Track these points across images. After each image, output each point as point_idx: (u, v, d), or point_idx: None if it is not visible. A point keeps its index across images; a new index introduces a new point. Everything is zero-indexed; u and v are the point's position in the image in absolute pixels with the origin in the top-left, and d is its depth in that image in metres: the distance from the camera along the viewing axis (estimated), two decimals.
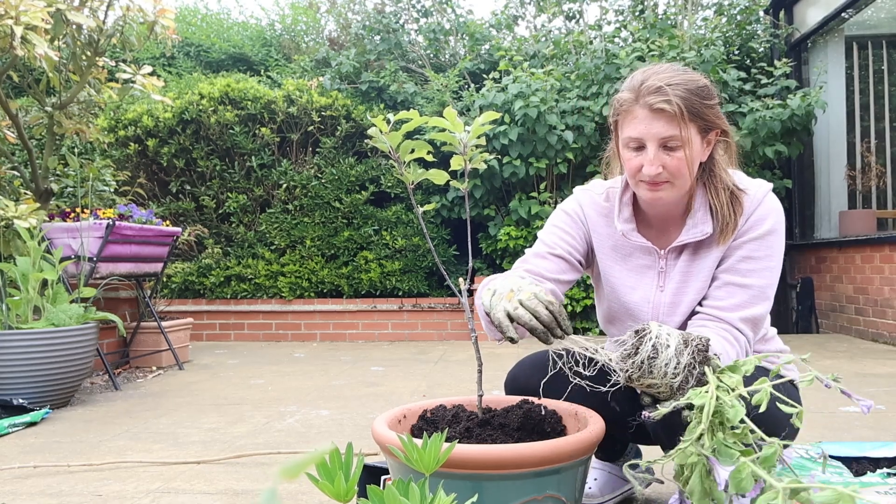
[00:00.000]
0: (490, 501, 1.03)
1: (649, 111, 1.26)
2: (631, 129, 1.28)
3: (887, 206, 5.31)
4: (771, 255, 1.35)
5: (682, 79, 1.28)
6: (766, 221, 1.35)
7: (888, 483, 1.51)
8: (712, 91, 1.31)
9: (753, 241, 1.34)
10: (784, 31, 5.93)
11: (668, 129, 1.25)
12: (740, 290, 1.33)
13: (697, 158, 1.32)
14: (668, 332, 1.10)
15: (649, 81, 1.26)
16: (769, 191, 1.38)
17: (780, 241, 1.36)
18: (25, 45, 2.77)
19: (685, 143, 1.26)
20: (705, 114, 1.28)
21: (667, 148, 1.27)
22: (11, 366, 2.75)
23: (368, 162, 5.60)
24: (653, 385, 1.07)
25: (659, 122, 1.25)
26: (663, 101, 1.24)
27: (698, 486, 0.95)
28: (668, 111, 1.24)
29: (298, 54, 7.30)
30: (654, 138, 1.26)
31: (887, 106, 5.37)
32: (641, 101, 1.27)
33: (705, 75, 1.36)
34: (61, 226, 3.28)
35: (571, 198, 1.52)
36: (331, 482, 0.83)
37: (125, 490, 1.80)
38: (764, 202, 1.36)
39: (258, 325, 5.51)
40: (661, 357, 1.06)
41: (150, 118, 5.49)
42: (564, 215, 1.49)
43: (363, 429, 2.46)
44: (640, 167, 1.30)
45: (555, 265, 1.42)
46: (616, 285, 1.45)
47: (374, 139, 1.22)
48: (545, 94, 4.94)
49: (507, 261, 5.31)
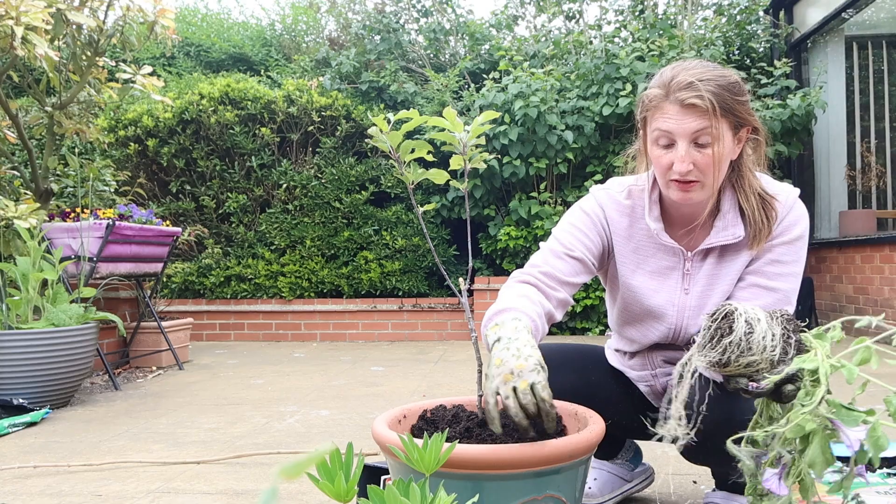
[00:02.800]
0: (490, 501, 1.03)
1: (680, 107, 1.23)
2: (662, 123, 1.26)
3: (887, 206, 5.31)
4: (798, 261, 1.34)
5: (713, 74, 1.25)
6: (796, 227, 1.34)
7: (888, 483, 1.51)
8: (743, 87, 1.28)
9: (783, 246, 1.33)
10: (784, 31, 5.93)
11: (701, 122, 1.23)
12: (766, 292, 1.32)
13: (728, 156, 1.29)
14: (752, 307, 1.05)
15: (680, 77, 1.24)
16: (798, 196, 1.37)
17: (804, 246, 1.36)
18: (26, 45, 2.77)
19: (717, 138, 1.23)
20: (737, 110, 1.26)
21: (698, 144, 1.25)
22: (11, 366, 2.75)
23: (368, 162, 5.60)
24: (752, 363, 1.01)
25: (690, 117, 1.23)
26: (695, 97, 1.22)
27: (819, 456, 0.90)
28: (700, 106, 1.22)
29: (298, 54, 7.30)
30: (686, 133, 1.24)
31: (887, 106, 5.37)
32: (672, 96, 1.24)
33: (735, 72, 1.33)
34: (61, 226, 3.28)
35: (590, 197, 1.46)
36: (331, 482, 0.83)
37: (125, 490, 1.80)
38: (795, 208, 1.35)
39: (258, 325, 5.51)
40: (756, 332, 1.00)
41: (150, 118, 5.49)
42: (584, 215, 1.43)
43: (363, 429, 2.46)
44: (670, 165, 1.27)
45: (570, 267, 1.38)
46: (637, 288, 1.42)
47: (374, 139, 1.22)
48: (545, 94, 4.94)
49: (507, 261, 5.31)
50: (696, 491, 1.72)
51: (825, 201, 5.75)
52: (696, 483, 1.77)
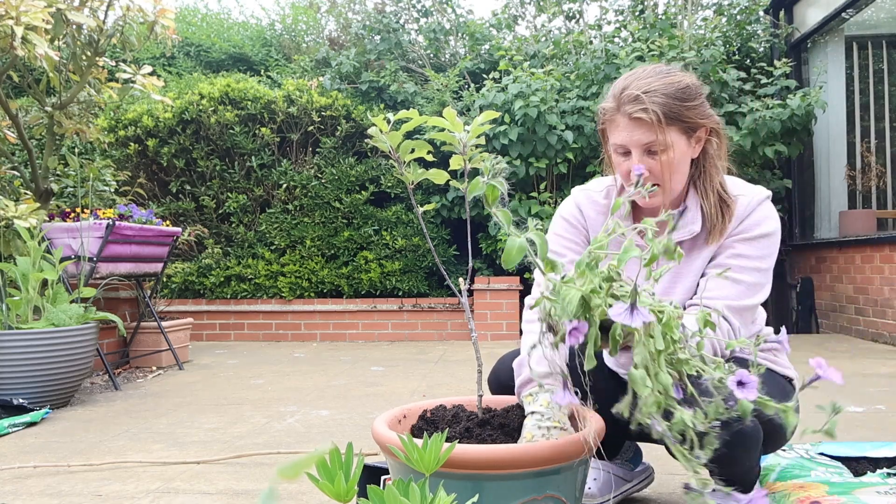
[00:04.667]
0: (490, 501, 1.03)
1: (629, 119, 1.31)
2: (616, 137, 1.35)
3: (887, 206, 5.31)
4: (763, 258, 1.36)
5: (661, 83, 1.31)
6: (759, 226, 1.37)
7: (888, 483, 1.51)
8: (694, 90, 1.34)
9: (745, 242, 1.36)
10: (784, 31, 5.93)
11: (648, 136, 1.30)
12: (729, 283, 1.35)
13: (685, 158, 1.35)
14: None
15: (629, 89, 1.32)
16: (766, 198, 1.40)
17: (772, 245, 1.37)
18: (26, 45, 2.77)
19: (666, 146, 1.31)
20: (686, 115, 1.32)
21: (651, 152, 1.32)
22: (11, 366, 2.75)
23: (368, 162, 5.60)
24: None
25: (639, 130, 1.30)
26: (640, 110, 1.29)
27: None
28: (645, 120, 1.29)
29: (298, 54, 7.30)
30: (637, 145, 1.32)
31: (887, 106, 5.37)
32: (622, 109, 1.32)
33: (690, 73, 1.39)
34: (61, 226, 3.28)
35: (569, 199, 1.54)
36: (331, 482, 0.83)
37: (125, 490, 1.80)
38: (759, 209, 1.38)
39: (258, 325, 5.51)
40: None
41: (150, 118, 5.49)
42: (564, 222, 1.52)
43: (363, 429, 2.46)
44: (628, 171, 1.36)
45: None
46: None
47: (374, 139, 1.22)
48: (545, 94, 4.93)
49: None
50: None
51: (825, 201, 5.75)
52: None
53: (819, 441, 1.94)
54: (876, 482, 1.52)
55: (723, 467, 1.39)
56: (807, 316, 5.62)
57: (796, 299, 5.75)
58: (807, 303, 5.60)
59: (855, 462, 1.74)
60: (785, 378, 1.47)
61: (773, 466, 1.66)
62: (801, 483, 1.53)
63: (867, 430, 2.28)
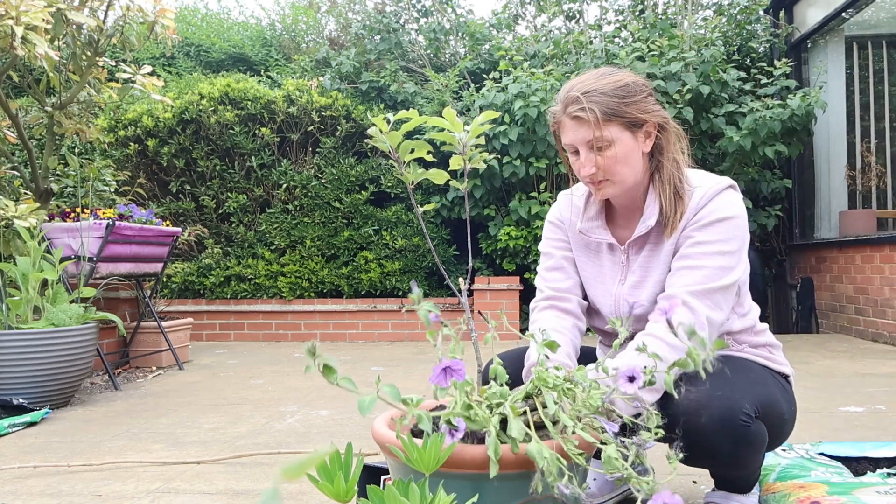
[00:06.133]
0: (490, 501, 1.03)
1: (571, 120, 1.38)
2: (564, 137, 1.41)
3: (887, 206, 5.31)
4: (725, 240, 1.36)
5: (601, 83, 1.37)
6: (715, 213, 1.37)
7: (888, 483, 1.51)
8: (634, 88, 1.38)
9: (701, 229, 1.37)
10: (784, 31, 5.93)
11: (590, 133, 1.36)
12: (691, 271, 1.35)
13: (633, 152, 1.39)
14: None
15: (571, 92, 1.38)
16: (725, 187, 1.40)
17: (733, 228, 1.37)
18: (26, 45, 2.77)
19: (610, 142, 1.36)
20: (626, 112, 1.36)
21: (598, 148, 1.37)
22: (11, 366, 2.75)
23: (368, 162, 5.60)
24: None
25: (581, 128, 1.37)
26: (579, 110, 1.36)
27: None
28: (584, 118, 1.35)
29: (298, 54, 7.30)
30: (582, 143, 1.38)
31: (887, 106, 5.37)
32: (566, 110, 1.39)
33: (629, 71, 1.46)
34: (61, 226, 3.28)
35: (555, 204, 1.63)
36: (331, 482, 0.83)
37: (125, 490, 1.80)
38: (717, 198, 1.38)
39: (258, 325, 5.51)
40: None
41: (150, 118, 5.49)
42: (550, 225, 1.62)
43: (363, 429, 2.46)
44: (580, 169, 1.42)
45: (562, 274, 1.56)
46: (587, 280, 1.56)
47: (374, 139, 1.22)
48: (545, 94, 4.93)
49: (506, 261, 5.31)
50: (696, 491, 1.72)
51: (825, 201, 5.75)
52: (695, 483, 1.77)
53: (819, 441, 1.94)
54: (876, 482, 1.52)
55: (730, 470, 1.39)
56: (807, 316, 5.62)
57: (796, 299, 5.75)
58: (807, 303, 5.60)
59: (855, 462, 1.74)
60: (781, 375, 1.47)
61: (772, 466, 1.66)
62: (801, 483, 1.53)
63: (867, 430, 2.28)
